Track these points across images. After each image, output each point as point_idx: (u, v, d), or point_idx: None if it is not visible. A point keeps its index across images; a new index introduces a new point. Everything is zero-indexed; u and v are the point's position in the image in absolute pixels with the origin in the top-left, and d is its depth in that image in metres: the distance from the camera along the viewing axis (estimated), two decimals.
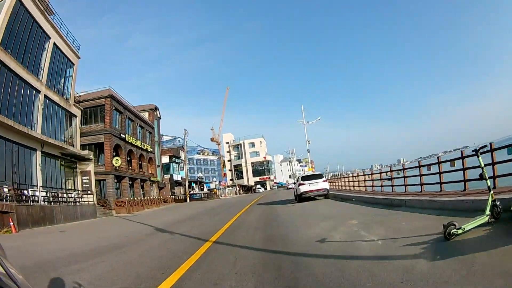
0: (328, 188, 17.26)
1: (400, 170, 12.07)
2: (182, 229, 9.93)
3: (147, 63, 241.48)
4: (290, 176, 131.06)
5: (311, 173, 20.82)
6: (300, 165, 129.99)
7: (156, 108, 42.87)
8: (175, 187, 44.60)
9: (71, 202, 20.23)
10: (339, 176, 36.99)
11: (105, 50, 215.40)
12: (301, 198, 16.70)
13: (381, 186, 14.26)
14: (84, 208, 20.78)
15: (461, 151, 8.52)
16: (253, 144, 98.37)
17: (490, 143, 7.03)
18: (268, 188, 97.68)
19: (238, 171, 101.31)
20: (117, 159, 28.85)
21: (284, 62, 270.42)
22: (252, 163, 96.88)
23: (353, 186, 19.83)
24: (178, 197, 42.23)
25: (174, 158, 45.88)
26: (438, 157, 10.46)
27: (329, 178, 35.22)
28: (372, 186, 15.56)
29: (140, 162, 35.76)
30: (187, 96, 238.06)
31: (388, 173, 13.80)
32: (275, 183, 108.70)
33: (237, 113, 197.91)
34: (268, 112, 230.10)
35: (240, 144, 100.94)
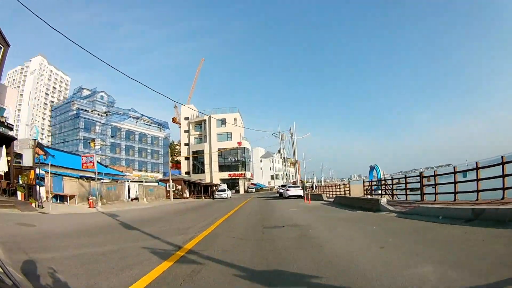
0: None
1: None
2: None
3: (132, 53, 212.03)
4: (272, 177, 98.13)
5: None
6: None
7: None
8: None
9: None
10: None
11: (93, 35, 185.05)
12: None
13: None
14: None
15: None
16: (223, 122, 64.33)
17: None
18: (242, 191, 63.95)
19: (198, 161, 66.93)
20: None
21: (272, 64, 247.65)
22: (219, 150, 62.91)
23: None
24: None
25: None
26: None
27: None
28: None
29: None
30: (165, 87, 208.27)
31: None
32: (252, 183, 75.14)
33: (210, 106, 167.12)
34: (249, 114, 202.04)
35: (205, 121, 66.68)
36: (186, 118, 71.47)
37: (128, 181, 28.98)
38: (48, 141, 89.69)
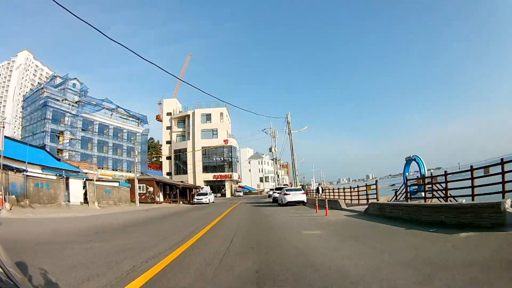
0: None
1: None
2: None
3: (120, 54, 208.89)
4: (261, 179, 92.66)
5: None
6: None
7: None
8: None
9: None
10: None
11: (81, 37, 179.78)
12: None
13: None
14: None
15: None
16: (208, 117, 58.74)
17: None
18: (228, 194, 58.30)
19: (180, 160, 60.89)
20: None
21: (264, 66, 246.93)
22: (204, 148, 57.15)
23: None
24: None
25: None
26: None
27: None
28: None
29: None
30: (153, 88, 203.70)
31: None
32: (239, 186, 69.54)
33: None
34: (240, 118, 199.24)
35: (188, 116, 60.79)
36: (169, 114, 65.31)
37: (83, 178, 23.03)
38: (14, 132, 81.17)
